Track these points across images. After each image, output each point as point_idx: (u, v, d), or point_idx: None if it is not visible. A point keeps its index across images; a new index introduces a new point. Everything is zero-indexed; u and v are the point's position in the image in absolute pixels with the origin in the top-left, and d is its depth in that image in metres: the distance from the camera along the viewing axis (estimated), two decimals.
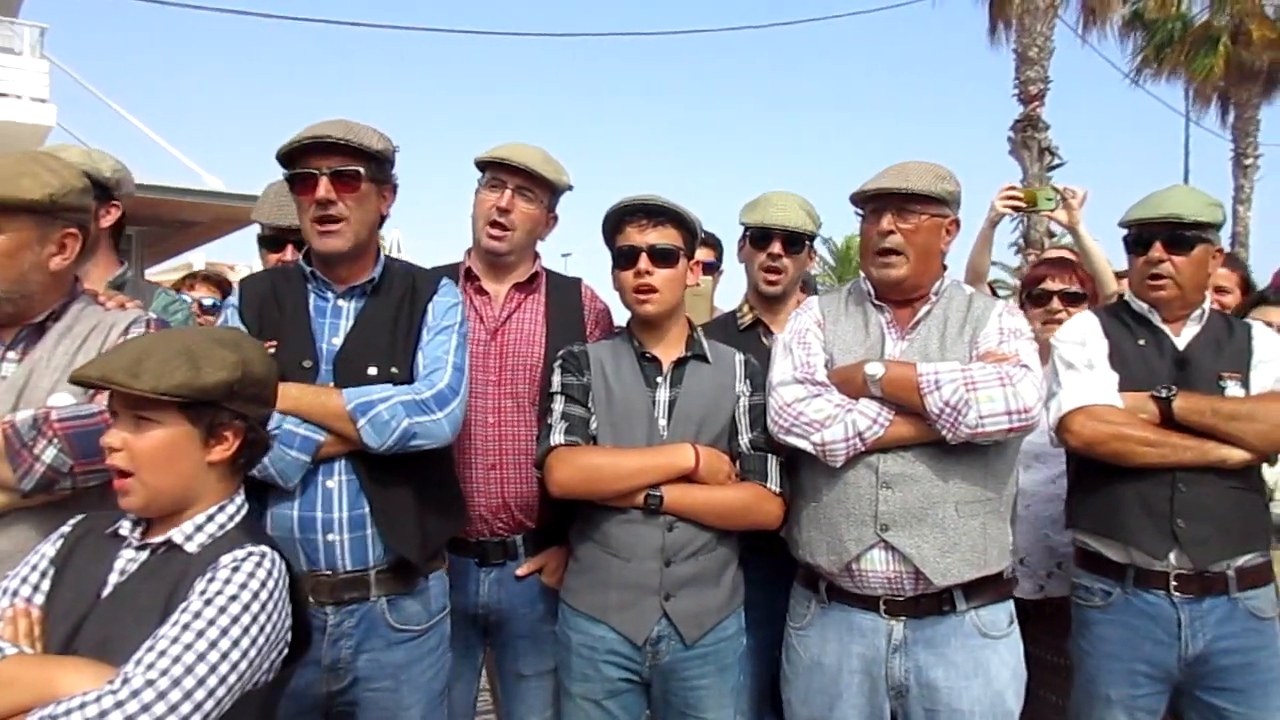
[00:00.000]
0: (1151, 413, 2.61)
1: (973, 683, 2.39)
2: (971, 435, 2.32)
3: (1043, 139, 14.86)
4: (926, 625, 2.41)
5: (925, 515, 2.37)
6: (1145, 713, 2.64)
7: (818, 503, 2.47)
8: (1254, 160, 21.19)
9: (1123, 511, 2.61)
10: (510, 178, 2.81)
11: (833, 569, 2.44)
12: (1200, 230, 2.71)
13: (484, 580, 2.79)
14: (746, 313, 3.12)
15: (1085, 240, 3.77)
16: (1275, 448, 2.60)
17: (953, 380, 2.33)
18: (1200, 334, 2.74)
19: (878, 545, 2.39)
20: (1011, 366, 2.37)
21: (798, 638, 2.57)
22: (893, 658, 2.42)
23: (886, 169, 2.55)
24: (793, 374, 2.50)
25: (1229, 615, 2.55)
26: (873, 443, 2.38)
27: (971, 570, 2.39)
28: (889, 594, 2.41)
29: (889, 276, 2.51)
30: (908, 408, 2.37)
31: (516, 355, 2.82)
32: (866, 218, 2.55)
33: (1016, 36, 15.52)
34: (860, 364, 2.45)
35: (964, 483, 2.39)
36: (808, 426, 2.41)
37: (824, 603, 2.51)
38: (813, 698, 2.51)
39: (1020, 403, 2.31)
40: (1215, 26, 20.37)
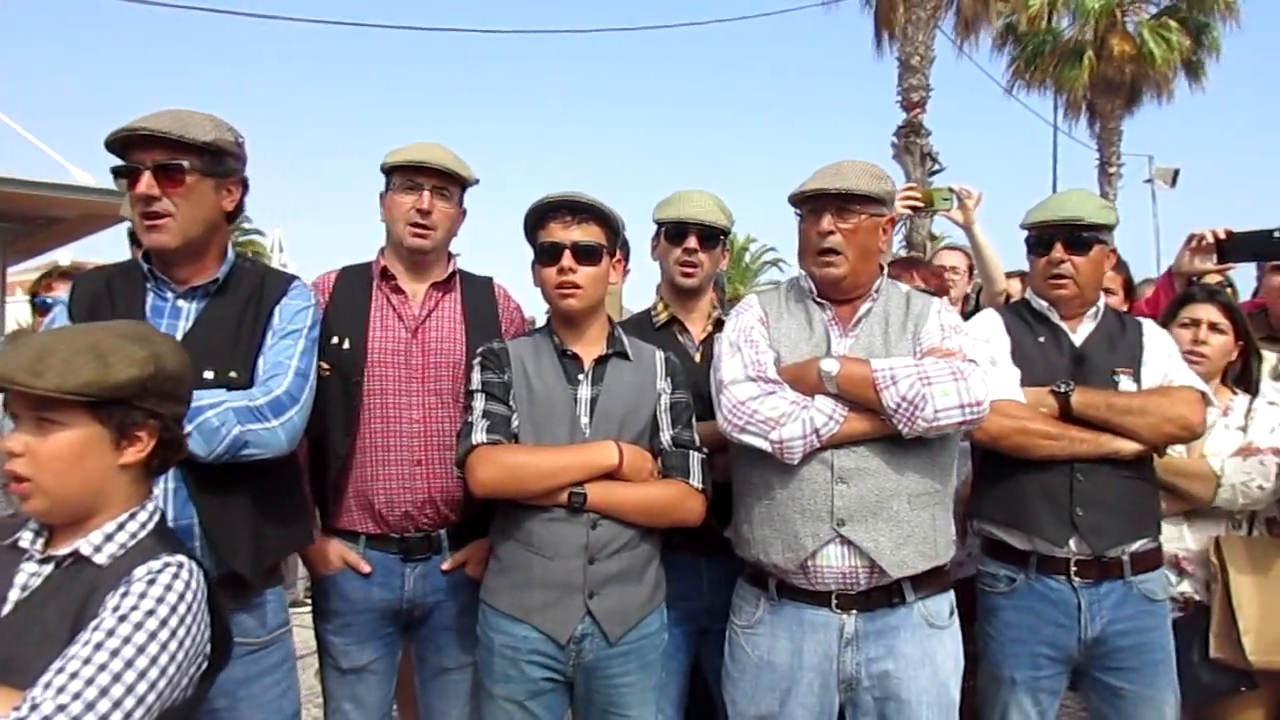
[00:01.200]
0: (1051, 407, 2.72)
1: (921, 672, 2.43)
2: (927, 429, 2.36)
3: (924, 144, 15.44)
4: (878, 618, 2.44)
5: (880, 509, 2.40)
6: (1047, 694, 2.75)
7: (771, 500, 2.47)
8: (1117, 169, 22.41)
9: (1025, 502, 2.71)
10: (426, 179, 2.79)
11: (788, 566, 2.44)
12: (1097, 231, 2.85)
13: (409, 575, 2.77)
14: (661, 310, 3.12)
15: (979, 239, 3.90)
16: (1164, 440, 2.74)
17: (908, 376, 2.37)
18: (1096, 331, 2.87)
19: (834, 540, 2.41)
20: (960, 361, 2.42)
21: (745, 636, 2.56)
22: (845, 652, 2.44)
23: (823, 168, 2.58)
24: (744, 372, 2.49)
25: (1124, 598, 2.68)
26: (828, 439, 2.40)
27: (924, 561, 2.44)
28: (842, 589, 2.43)
29: (830, 275, 2.54)
30: (862, 403, 2.40)
31: (438, 353, 2.81)
32: (805, 218, 2.58)
33: (900, 45, 16.08)
34: (813, 361, 2.46)
35: (915, 475, 2.43)
36: (763, 424, 2.41)
37: (774, 600, 2.51)
38: (761, 696, 2.51)
39: (972, 396, 2.37)
40: (1081, 41, 21.42)
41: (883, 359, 2.43)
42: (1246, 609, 2.87)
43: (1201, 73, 21.78)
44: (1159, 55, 20.89)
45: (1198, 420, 2.70)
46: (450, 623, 2.81)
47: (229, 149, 2.39)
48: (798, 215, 2.61)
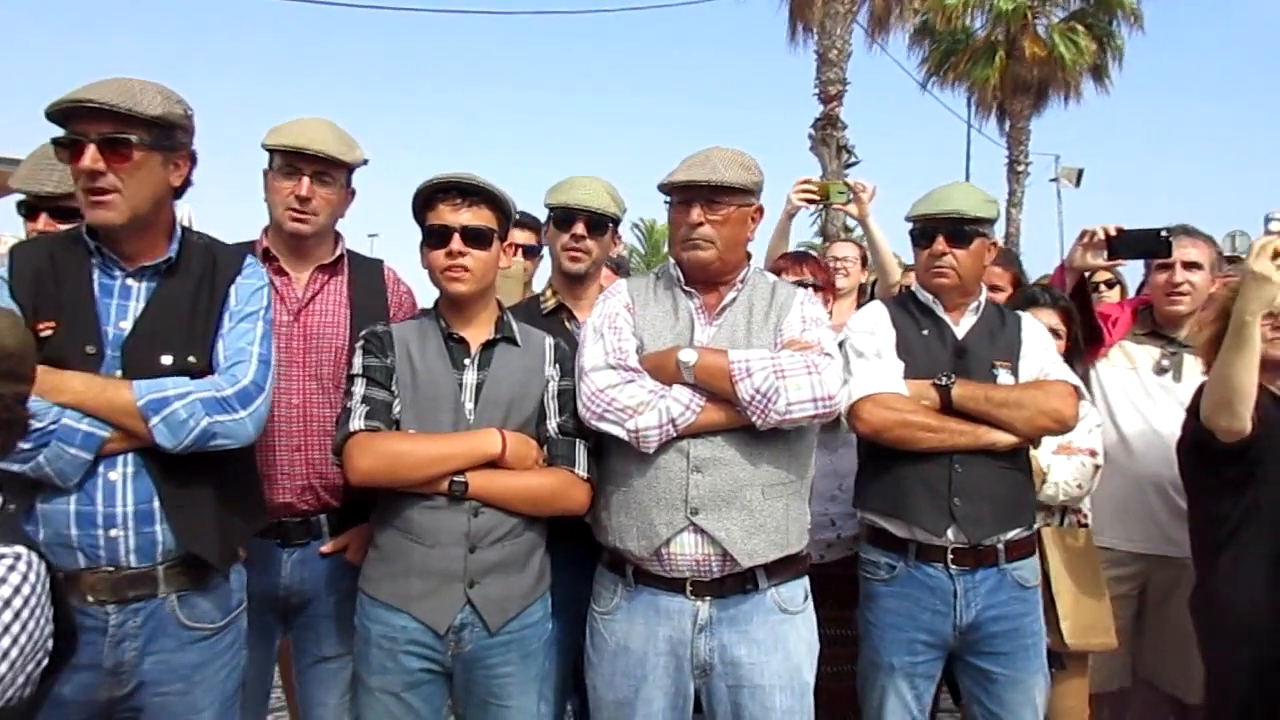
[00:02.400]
0: (933, 399, 2.77)
1: (773, 657, 2.47)
2: (780, 421, 2.39)
3: (840, 137, 15.62)
4: (731, 604, 2.47)
5: (734, 498, 2.42)
6: (923, 679, 2.81)
7: (628, 488, 2.48)
8: (1025, 167, 23.05)
9: (906, 492, 2.76)
10: (306, 164, 2.68)
11: (643, 553, 2.46)
12: (978, 225, 2.90)
13: (286, 561, 2.70)
14: (550, 297, 3.10)
15: (874, 232, 3.97)
16: (1039, 432, 2.81)
17: (763, 368, 2.39)
18: (977, 324, 2.93)
19: (688, 529, 2.43)
20: (816, 355, 2.45)
21: (603, 622, 2.57)
22: (698, 638, 2.47)
23: (693, 157, 2.58)
24: (605, 359, 2.49)
25: (998, 585, 2.75)
26: (684, 428, 2.41)
27: (776, 550, 2.47)
28: (695, 576, 2.45)
29: (698, 258, 2.55)
30: (718, 394, 2.41)
31: (321, 338, 2.73)
32: (675, 206, 2.58)
33: (817, 39, 16.22)
34: (672, 350, 2.47)
35: (769, 466, 2.46)
36: (621, 413, 2.41)
37: (630, 587, 2.52)
38: (618, 681, 2.52)
39: (825, 390, 2.41)
40: (994, 41, 21.93)
41: (740, 351, 2.45)
42: (1063, 596, 3.01)
43: (1106, 76, 22.55)
44: (1068, 58, 21.51)
45: (1070, 413, 2.78)
46: (330, 610, 2.74)
47: (178, 122, 2.26)
48: (667, 203, 2.60)
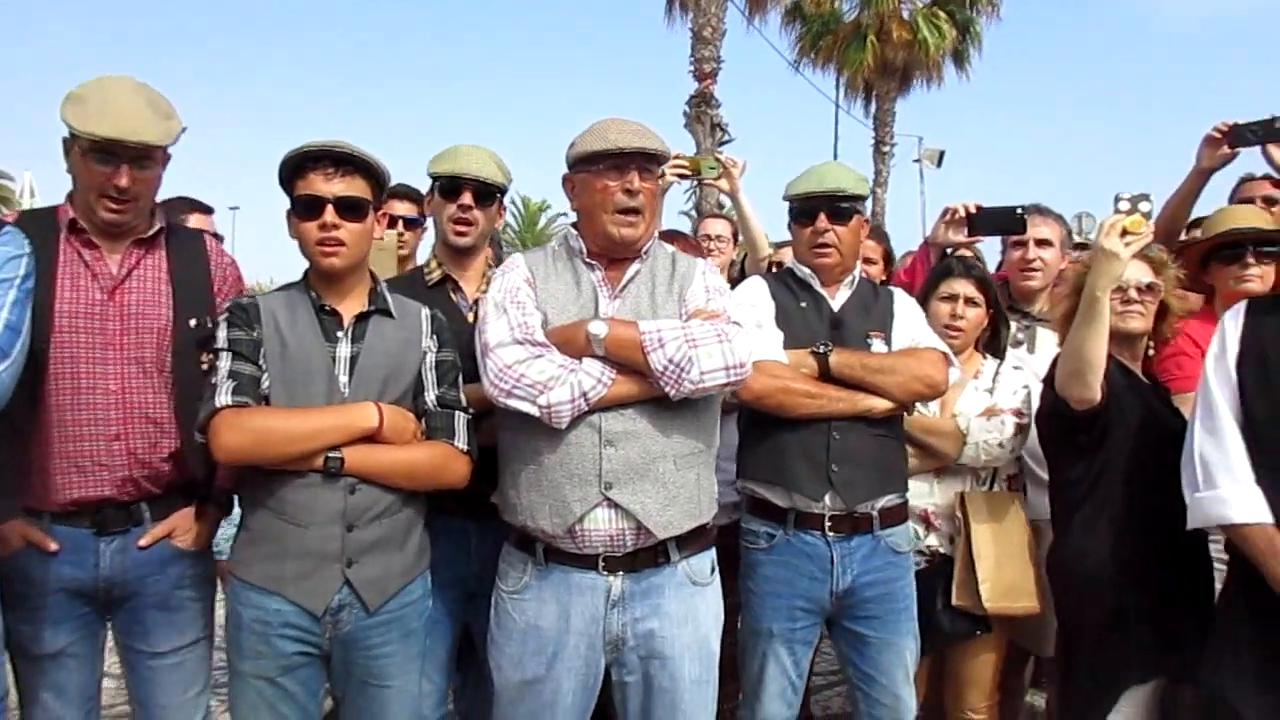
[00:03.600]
0: (811, 367, 2.82)
1: (684, 629, 2.48)
2: (693, 391, 2.38)
3: (714, 115, 15.78)
4: (643, 578, 2.46)
5: (647, 471, 2.40)
6: (801, 644, 2.89)
7: (538, 465, 2.42)
8: (890, 148, 23.72)
9: (786, 459, 2.81)
10: (124, 151, 2.41)
11: (555, 531, 2.41)
12: (854, 202, 2.97)
13: (104, 551, 2.48)
14: (435, 268, 3.02)
15: (744, 208, 4.02)
16: (912, 397, 2.90)
17: (675, 338, 2.37)
18: (853, 297, 3.00)
19: (602, 504, 2.39)
20: (725, 323, 2.46)
21: (511, 602, 2.52)
22: (611, 613, 2.45)
23: (616, 125, 2.51)
24: (511, 335, 2.42)
25: (873, 551, 2.83)
26: (596, 402, 2.38)
27: (690, 521, 2.47)
28: (609, 551, 2.43)
29: (631, 235, 2.50)
30: (629, 366, 2.39)
31: (141, 318, 2.51)
32: (603, 174, 2.48)
33: (692, 17, 16.30)
34: (581, 323, 2.43)
35: (681, 437, 2.45)
36: (531, 389, 2.36)
37: (541, 565, 2.48)
38: (527, 660, 2.48)
39: (737, 358, 2.41)
40: (863, 24, 22.45)
41: (650, 321, 2.43)
42: (984, 559, 3.09)
43: (967, 62, 23.32)
44: (931, 42, 22.18)
45: (941, 379, 2.88)
46: (158, 602, 2.55)
47: None
48: (591, 171, 2.50)
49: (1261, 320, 2.58)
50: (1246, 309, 2.65)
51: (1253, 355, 2.54)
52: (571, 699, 2.48)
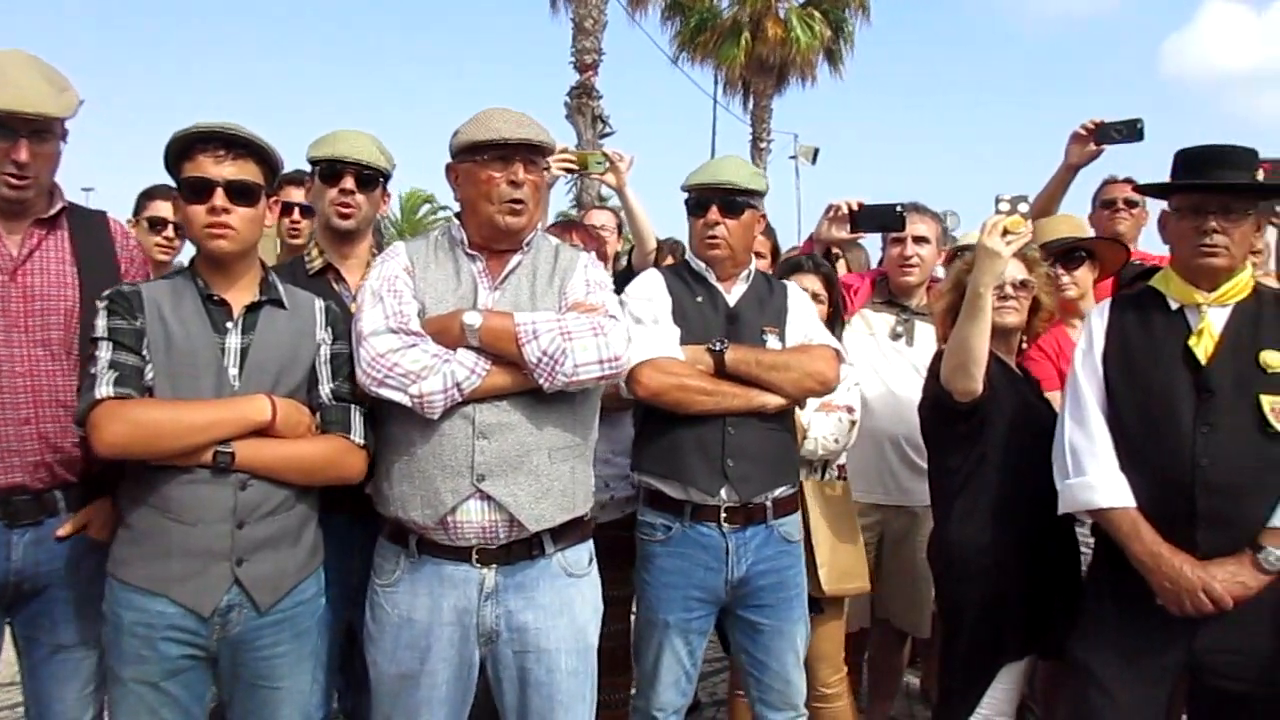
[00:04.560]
0: (707, 364, 2.86)
1: (559, 621, 2.48)
2: (567, 383, 2.38)
3: (596, 107, 15.82)
4: (517, 570, 2.45)
5: (521, 463, 2.40)
6: (697, 634, 2.93)
7: (410, 456, 2.40)
8: (767, 144, 24.25)
9: (682, 454, 2.84)
10: (21, 125, 2.33)
11: (427, 522, 2.39)
12: (749, 197, 3.02)
13: (16, 543, 2.40)
14: (316, 256, 2.94)
15: (630, 201, 4.05)
16: (805, 393, 2.97)
17: (549, 330, 2.38)
18: (747, 292, 3.05)
19: (474, 496, 2.38)
20: (601, 317, 2.47)
21: (385, 595, 2.49)
22: (484, 606, 2.43)
23: (498, 113, 2.50)
24: (385, 323, 2.39)
25: (766, 540, 2.89)
26: (470, 393, 2.36)
27: (563, 514, 2.47)
28: (482, 543, 2.41)
29: (517, 225, 2.49)
30: (504, 357, 2.38)
31: (46, 299, 2.43)
32: (487, 165, 2.47)
33: (574, 8, 16.27)
34: (456, 313, 2.41)
35: (556, 429, 2.45)
36: (403, 378, 2.33)
37: (414, 557, 2.45)
38: (401, 654, 2.45)
39: (611, 351, 2.43)
40: (739, 21, 22.82)
41: (526, 313, 2.43)
42: (821, 545, 3.22)
43: (840, 61, 24.01)
44: (805, 41, 22.72)
45: (833, 375, 2.96)
46: (69, 595, 2.47)
47: None
48: (476, 161, 2.49)
49: (1124, 316, 2.76)
50: (1111, 305, 2.83)
51: (1117, 349, 2.71)
52: (447, 691, 2.47)
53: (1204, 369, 2.59)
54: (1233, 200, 2.62)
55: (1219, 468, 2.52)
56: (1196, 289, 2.67)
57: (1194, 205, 2.65)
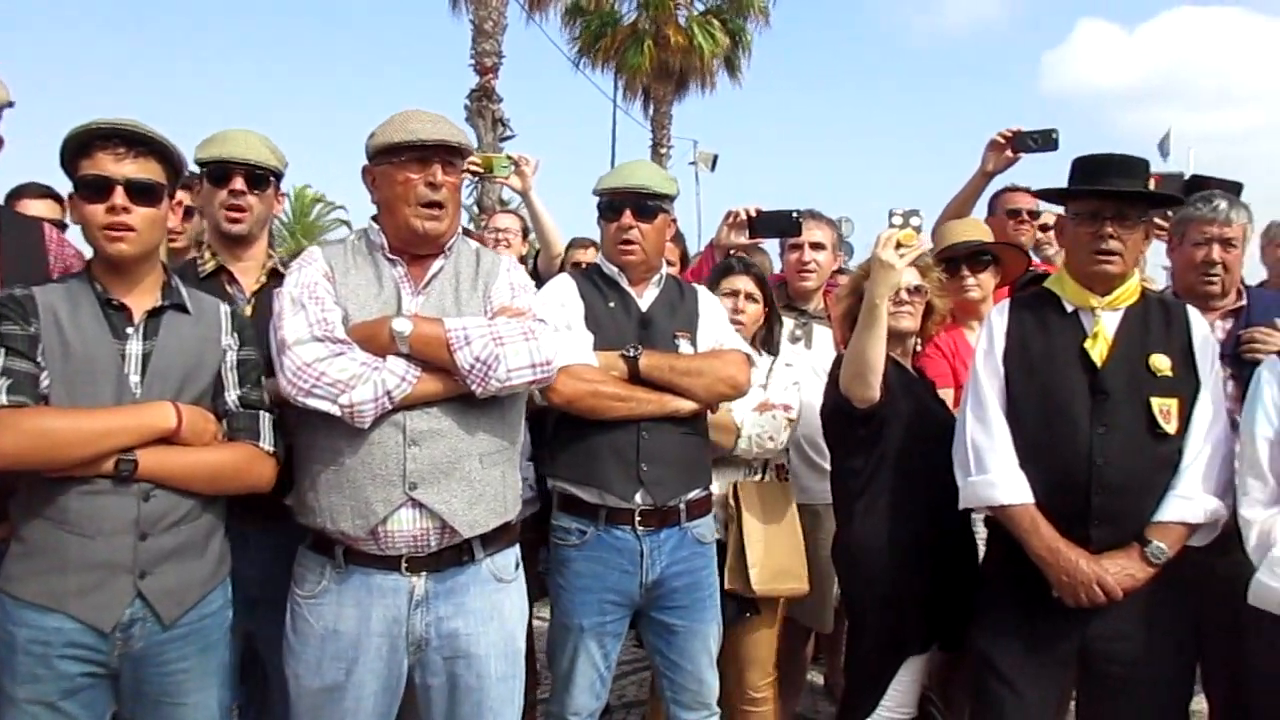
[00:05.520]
0: (621, 370, 2.89)
1: (489, 626, 2.47)
2: (500, 389, 2.38)
3: (496, 110, 15.71)
4: (448, 577, 2.44)
5: (453, 470, 2.38)
6: (611, 637, 2.95)
7: (339, 467, 2.36)
8: (668, 150, 24.37)
9: (597, 459, 2.86)
10: None
11: (358, 533, 2.35)
12: (661, 200, 3.06)
13: None
14: (208, 259, 2.86)
15: (536, 206, 4.06)
16: (717, 398, 3.02)
17: (481, 336, 2.37)
18: (660, 296, 3.09)
19: (406, 504, 2.36)
20: (531, 321, 2.47)
21: (308, 607, 2.44)
22: (414, 614, 2.41)
23: (415, 115, 2.47)
24: (309, 331, 2.34)
25: (680, 543, 2.93)
26: (400, 401, 2.34)
27: (495, 519, 2.47)
28: (412, 551, 2.39)
29: (435, 229, 2.47)
30: (435, 364, 2.36)
31: None
32: (405, 166, 2.44)
33: (474, 9, 16.13)
34: (384, 320, 2.38)
35: (486, 435, 2.44)
36: (331, 387, 2.29)
37: (340, 568, 2.41)
38: (326, 666, 2.41)
39: (543, 355, 2.44)
40: (640, 28, 22.94)
41: (456, 319, 2.42)
42: (754, 545, 3.25)
43: (738, 69, 24.32)
44: (705, 48, 22.95)
45: (744, 380, 3.02)
46: None
47: None
48: (393, 163, 2.46)
49: (1022, 316, 2.89)
50: (1010, 306, 2.96)
51: (1016, 349, 2.84)
52: (373, 703, 2.44)
53: (1099, 371, 2.74)
54: (1127, 208, 2.77)
55: (1114, 467, 2.66)
56: (1091, 293, 2.81)
57: (1091, 211, 2.79)
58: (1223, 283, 3.11)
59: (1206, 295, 3.11)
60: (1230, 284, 3.13)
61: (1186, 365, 2.75)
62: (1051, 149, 3.95)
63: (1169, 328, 2.80)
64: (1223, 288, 3.12)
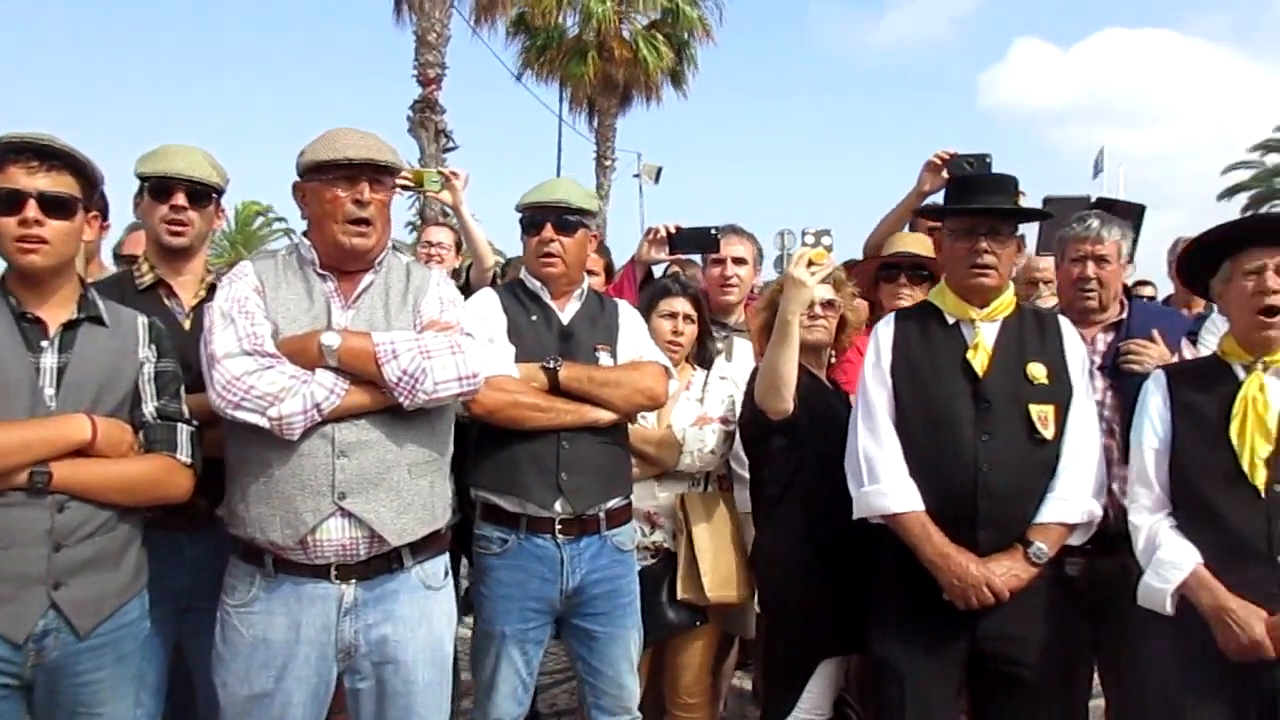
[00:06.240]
0: (541, 381, 2.95)
1: (418, 633, 2.53)
2: (427, 401, 2.44)
3: (439, 121, 15.68)
4: (377, 585, 2.49)
5: (381, 480, 2.43)
6: (533, 644, 3.00)
7: (268, 478, 2.40)
8: (612, 162, 24.47)
9: (518, 469, 2.92)
10: None
11: (287, 542, 2.39)
12: (582, 216, 3.14)
13: None
14: (146, 272, 2.89)
15: (466, 220, 4.12)
16: (635, 409, 3.10)
17: (409, 349, 2.42)
18: (581, 310, 3.16)
19: (335, 514, 2.40)
20: (458, 335, 2.53)
21: (239, 616, 2.47)
22: (344, 621, 2.46)
23: (344, 133, 2.52)
24: (239, 345, 2.38)
25: (600, 551, 2.99)
26: (329, 413, 2.38)
27: (423, 527, 2.52)
28: (341, 560, 2.43)
29: (362, 245, 2.52)
30: (363, 376, 2.41)
31: None
32: (333, 184, 2.49)
33: (417, 20, 16.09)
34: (313, 334, 2.42)
35: (415, 445, 2.50)
36: (261, 400, 2.33)
37: (270, 577, 2.45)
38: (255, 674, 2.43)
39: (469, 368, 2.50)
40: (585, 41, 23.03)
41: (384, 333, 2.47)
42: (704, 555, 3.34)
43: (683, 82, 24.51)
44: (650, 62, 23.11)
45: (661, 391, 3.10)
46: None
47: None
48: (322, 180, 2.51)
49: (907, 329, 3.01)
50: (895, 318, 3.08)
51: (902, 361, 2.95)
52: (301, 711, 2.47)
53: (981, 381, 2.87)
54: (1000, 224, 2.92)
55: (997, 473, 2.79)
56: (970, 305, 2.95)
57: (967, 228, 2.93)
58: (1099, 297, 3.26)
59: (1085, 309, 3.28)
60: (1108, 298, 3.28)
61: (1060, 373, 2.91)
62: (985, 172, 4.10)
63: (1043, 337, 2.95)
64: (1100, 302, 3.27)
